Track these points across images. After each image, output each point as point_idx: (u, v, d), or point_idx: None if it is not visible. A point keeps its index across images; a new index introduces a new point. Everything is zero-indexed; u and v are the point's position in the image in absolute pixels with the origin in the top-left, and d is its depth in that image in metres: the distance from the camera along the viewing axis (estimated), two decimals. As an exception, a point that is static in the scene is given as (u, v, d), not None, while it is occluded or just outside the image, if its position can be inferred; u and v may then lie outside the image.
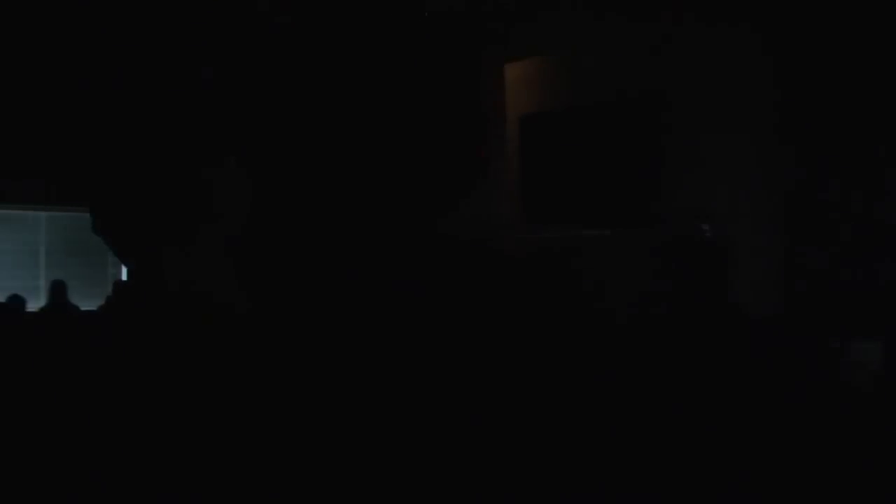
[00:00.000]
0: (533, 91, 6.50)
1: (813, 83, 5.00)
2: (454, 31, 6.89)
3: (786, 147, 5.06)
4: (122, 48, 6.30)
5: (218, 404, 4.56)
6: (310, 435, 4.20)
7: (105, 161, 6.73)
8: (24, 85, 6.35)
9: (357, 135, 7.12)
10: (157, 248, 7.24)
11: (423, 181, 7.17)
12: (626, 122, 5.79)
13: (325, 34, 6.70)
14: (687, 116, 5.40)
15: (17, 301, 6.38)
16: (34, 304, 6.81)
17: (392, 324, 6.06)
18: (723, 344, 4.64)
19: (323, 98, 6.99)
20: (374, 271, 6.74)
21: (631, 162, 5.75)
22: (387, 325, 6.04)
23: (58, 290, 6.88)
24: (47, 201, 7.77)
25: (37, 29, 6.10)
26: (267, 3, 6.25)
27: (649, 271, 5.42)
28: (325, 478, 3.71)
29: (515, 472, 3.68)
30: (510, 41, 6.62)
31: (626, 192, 5.77)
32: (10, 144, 6.68)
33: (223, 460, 3.84)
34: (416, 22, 6.80)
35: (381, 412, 4.48)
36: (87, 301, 7.16)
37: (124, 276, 7.82)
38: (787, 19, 5.06)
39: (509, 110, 6.65)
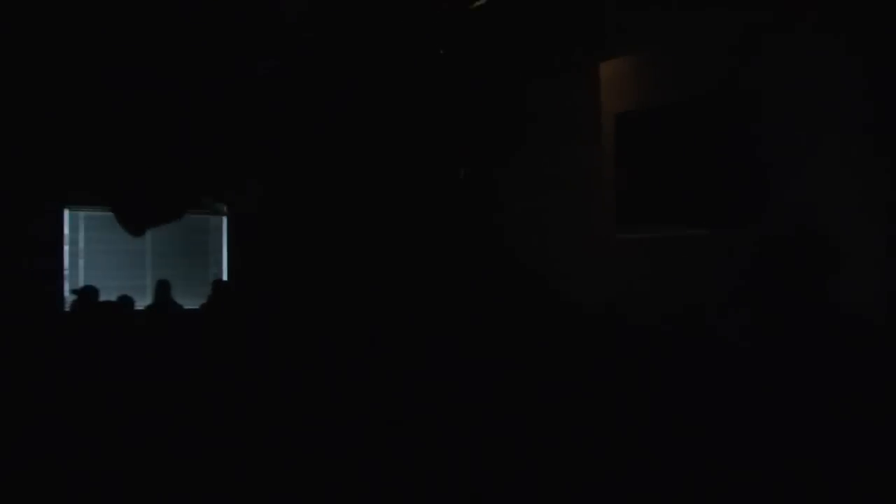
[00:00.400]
0: (628, 89, 6.35)
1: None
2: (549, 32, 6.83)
3: (887, 147, 4.76)
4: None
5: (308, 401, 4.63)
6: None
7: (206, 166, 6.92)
8: (130, 99, 6.60)
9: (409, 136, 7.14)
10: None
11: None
12: (724, 118, 5.57)
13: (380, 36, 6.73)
14: (785, 112, 5.16)
15: (126, 300, 6.67)
16: (141, 303, 7.10)
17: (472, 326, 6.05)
18: (829, 348, 4.42)
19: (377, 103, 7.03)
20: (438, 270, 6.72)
21: (729, 159, 5.53)
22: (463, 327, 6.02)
23: (162, 290, 7.16)
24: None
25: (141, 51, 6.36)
26: (294, 15, 6.30)
27: (748, 271, 5.21)
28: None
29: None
30: (605, 39, 6.50)
31: (723, 190, 5.55)
32: (119, 152, 6.97)
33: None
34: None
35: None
36: (189, 300, 7.42)
37: (224, 276, 8.07)
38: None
39: (604, 109, 6.53)
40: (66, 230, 7.77)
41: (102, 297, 6.72)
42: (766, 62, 5.26)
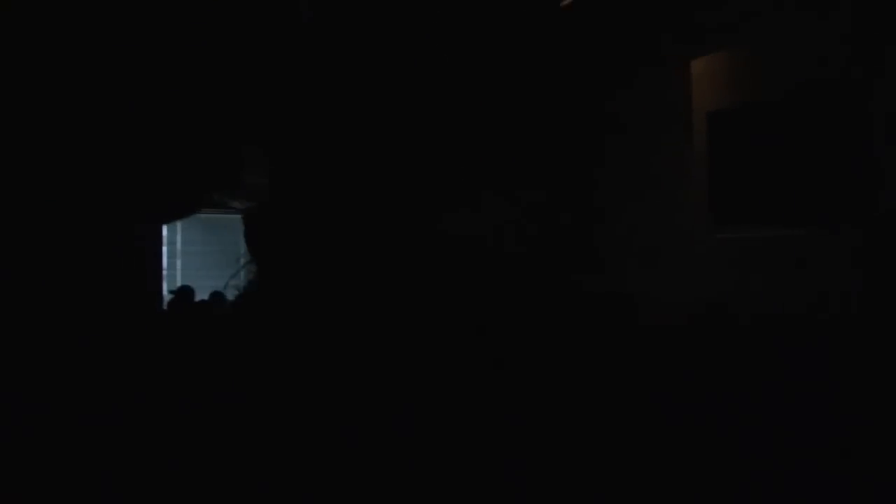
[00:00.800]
0: (720, 86, 6.17)
1: None
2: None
3: None
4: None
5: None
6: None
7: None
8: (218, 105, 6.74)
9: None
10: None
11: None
12: (820, 113, 5.34)
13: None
14: (887, 105, 4.89)
15: (218, 297, 6.88)
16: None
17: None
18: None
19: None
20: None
21: (827, 156, 5.30)
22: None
23: (255, 289, 7.33)
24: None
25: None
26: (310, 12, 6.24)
27: (850, 272, 4.98)
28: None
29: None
30: (696, 36, 6.34)
31: (824, 188, 5.32)
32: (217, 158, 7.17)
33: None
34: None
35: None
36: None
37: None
38: None
39: (695, 107, 6.37)
40: (165, 231, 8.07)
41: (198, 297, 6.96)
42: (864, 52, 5.02)
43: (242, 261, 6.31)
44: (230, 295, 6.28)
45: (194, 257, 8.26)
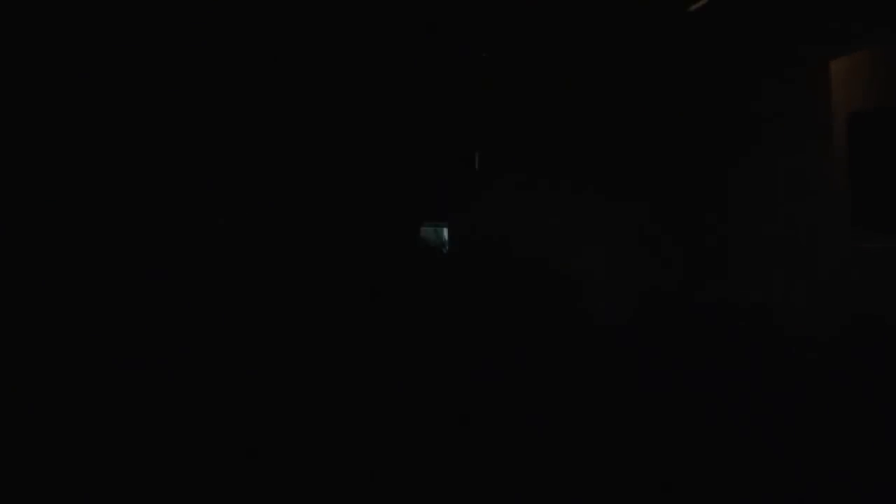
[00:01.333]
0: (862, 86, 5.92)
1: None
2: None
3: None
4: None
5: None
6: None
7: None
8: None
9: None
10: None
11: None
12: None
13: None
14: None
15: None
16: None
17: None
18: None
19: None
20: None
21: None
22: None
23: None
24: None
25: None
26: None
27: None
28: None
29: None
30: (836, 35, 6.11)
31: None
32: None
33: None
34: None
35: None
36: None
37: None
38: None
39: (835, 108, 6.14)
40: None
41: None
42: None
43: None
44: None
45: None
